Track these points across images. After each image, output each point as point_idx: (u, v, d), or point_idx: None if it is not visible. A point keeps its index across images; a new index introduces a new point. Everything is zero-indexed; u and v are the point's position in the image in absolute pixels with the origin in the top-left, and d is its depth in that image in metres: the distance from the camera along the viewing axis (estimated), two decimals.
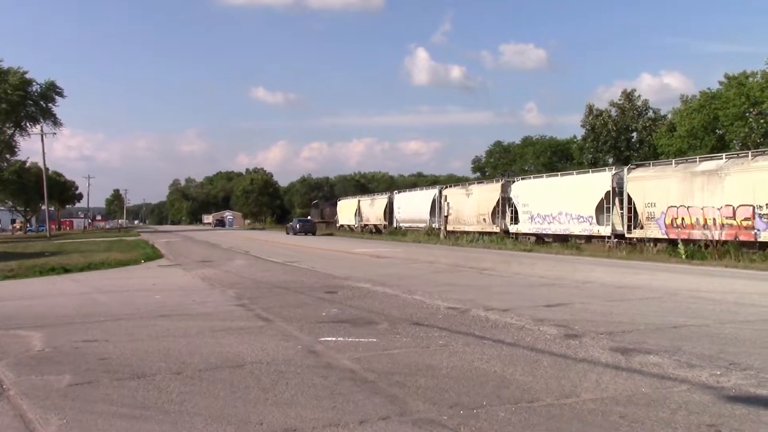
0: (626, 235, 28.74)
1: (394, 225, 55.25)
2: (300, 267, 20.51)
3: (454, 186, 48.77)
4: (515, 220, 37.47)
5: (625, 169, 30.01)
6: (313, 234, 56.84)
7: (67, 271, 19.90)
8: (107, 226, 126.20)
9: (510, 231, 37.72)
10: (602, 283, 14.96)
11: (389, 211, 57.44)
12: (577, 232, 31.98)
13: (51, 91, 58.72)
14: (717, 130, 47.88)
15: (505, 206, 38.70)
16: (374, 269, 19.50)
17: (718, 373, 6.23)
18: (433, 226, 47.65)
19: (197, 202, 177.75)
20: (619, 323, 9.16)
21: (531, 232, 35.63)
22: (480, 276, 17.22)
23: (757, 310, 10.78)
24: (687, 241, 24.90)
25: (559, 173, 37.58)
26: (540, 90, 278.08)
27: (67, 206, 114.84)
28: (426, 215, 49.41)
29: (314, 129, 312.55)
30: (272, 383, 6.05)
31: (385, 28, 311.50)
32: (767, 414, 5.01)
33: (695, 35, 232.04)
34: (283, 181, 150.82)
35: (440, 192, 47.89)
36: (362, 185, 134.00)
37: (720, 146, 44.79)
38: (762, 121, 40.34)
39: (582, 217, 31.58)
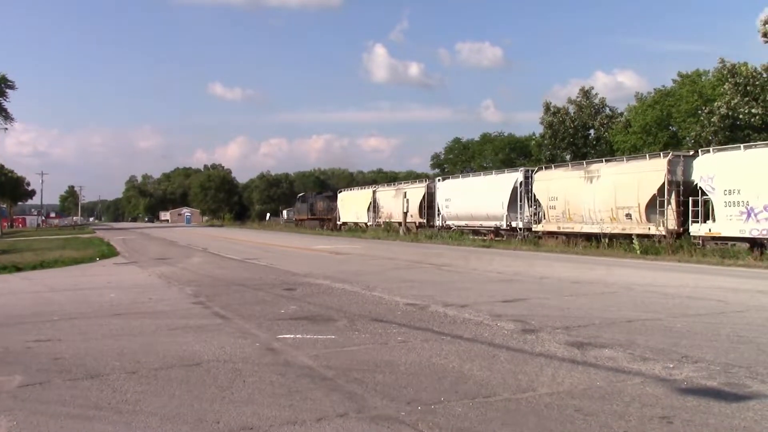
0: None
1: (443, 223, 40.55)
2: (259, 264, 20.36)
3: (558, 167, 33.47)
4: (705, 216, 23.38)
5: None
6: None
7: (18, 269, 19.36)
8: (61, 224, 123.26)
9: (692, 233, 23.61)
10: None
11: (426, 204, 43.57)
12: None
13: (2, 85, 57.16)
14: (670, 127, 48.87)
15: (671, 194, 24.84)
16: (334, 266, 19.45)
17: (671, 365, 6.37)
18: (513, 224, 33.71)
19: (155, 198, 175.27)
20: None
21: (744, 235, 21.67)
22: (439, 272, 17.30)
23: None
24: None
25: None
26: (497, 88, 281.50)
27: (20, 203, 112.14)
28: (500, 210, 34.46)
29: (273, 125, 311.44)
30: (229, 381, 5.98)
31: (342, 24, 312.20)
32: (717, 405, 5.12)
33: (649, 35, 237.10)
34: (241, 177, 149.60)
35: (527, 176, 33.28)
36: (322, 182, 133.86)
37: (673, 143, 45.74)
38: (713, 119, 41.24)
39: None
